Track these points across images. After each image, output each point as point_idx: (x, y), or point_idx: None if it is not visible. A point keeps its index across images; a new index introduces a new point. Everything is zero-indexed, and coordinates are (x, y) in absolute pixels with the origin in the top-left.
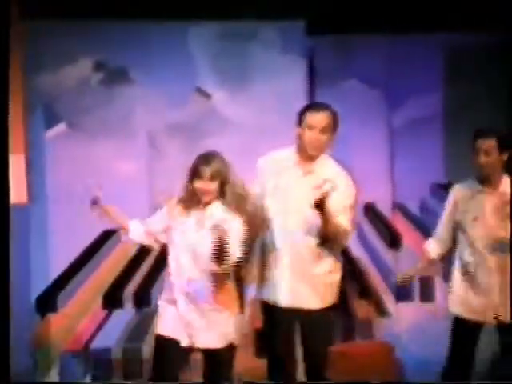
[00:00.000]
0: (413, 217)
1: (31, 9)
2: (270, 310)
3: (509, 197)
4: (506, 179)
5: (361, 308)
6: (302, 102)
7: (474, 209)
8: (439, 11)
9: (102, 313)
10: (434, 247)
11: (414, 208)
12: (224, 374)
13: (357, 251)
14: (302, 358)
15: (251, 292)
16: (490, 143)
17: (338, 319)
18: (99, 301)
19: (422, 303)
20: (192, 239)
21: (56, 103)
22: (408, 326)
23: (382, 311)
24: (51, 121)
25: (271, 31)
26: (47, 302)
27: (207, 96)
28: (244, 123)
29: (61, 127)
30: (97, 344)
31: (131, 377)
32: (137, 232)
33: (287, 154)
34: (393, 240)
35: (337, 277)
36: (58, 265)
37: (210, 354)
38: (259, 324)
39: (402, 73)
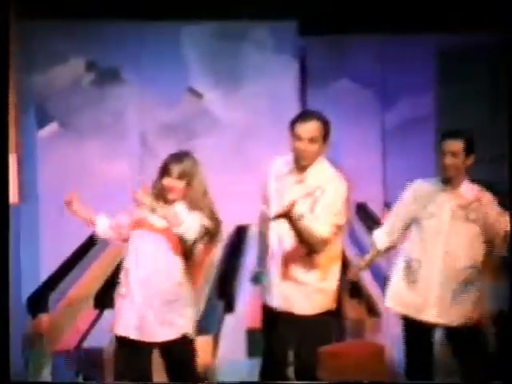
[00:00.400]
0: None
1: (23, 9)
2: (267, 312)
3: (468, 200)
4: (466, 183)
5: (352, 308)
6: (294, 103)
7: (432, 206)
8: (431, 12)
9: (94, 312)
10: (382, 239)
11: None
12: (185, 368)
13: (348, 251)
14: (292, 360)
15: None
16: (457, 145)
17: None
18: (91, 301)
19: None
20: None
21: (48, 103)
22: (399, 326)
23: (373, 311)
24: (43, 120)
25: (263, 31)
26: (39, 302)
27: (199, 96)
28: (236, 123)
29: (52, 127)
30: (88, 344)
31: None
32: (102, 227)
33: (287, 161)
34: None
35: (331, 283)
36: (49, 264)
37: (166, 349)
38: (252, 324)
39: (395, 73)
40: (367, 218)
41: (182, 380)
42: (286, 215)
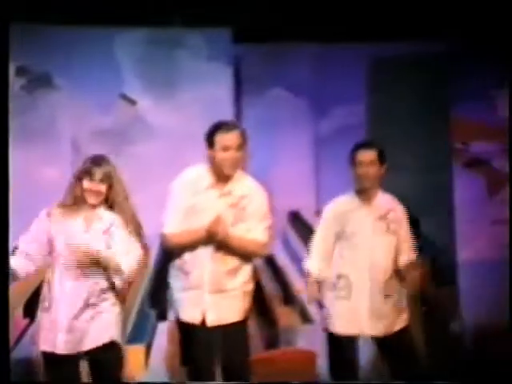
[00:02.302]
0: None
1: None
2: (188, 330)
3: (383, 211)
4: (380, 194)
5: (284, 315)
6: (229, 110)
7: (353, 224)
8: (365, 23)
9: (24, 321)
10: (315, 266)
11: None
12: (113, 377)
13: (281, 259)
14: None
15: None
16: (371, 155)
17: (263, 327)
18: (20, 309)
19: None
20: (81, 240)
21: None
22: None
23: (305, 318)
24: None
25: (197, 38)
26: None
27: (132, 102)
28: (169, 130)
29: None
30: (17, 354)
31: None
32: (21, 266)
33: (201, 174)
34: None
35: (251, 285)
36: None
37: (93, 357)
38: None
39: (327, 82)
40: (300, 225)
41: None
42: (219, 231)
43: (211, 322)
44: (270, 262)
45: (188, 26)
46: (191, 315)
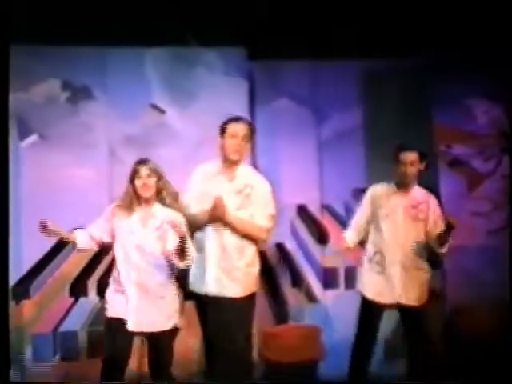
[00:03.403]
0: (338, 216)
1: (5, 35)
2: (199, 302)
3: (418, 201)
4: (417, 187)
5: (293, 295)
6: None
7: (387, 206)
8: (355, 41)
9: (69, 300)
10: (350, 237)
11: (339, 209)
12: (167, 357)
13: (290, 246)
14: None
15: None
16: (414, 156)
17: (273, 305)
18: (67, 289)
19: (346, 290)
20: (138, 237)
21: (29, 117)
22: (334, 311)
23: (311, 298)
24: (24, 133)
25: (215, 56)
26: (21, 289)
27: (161, 111)
28: (190, 136)
29: (33, 138)
30: (65, 327)
31: (95, 356)
32: (82, 241)
33: (213, 165)
34: (321, 236)
35: (256, 269)
36: (31, 258)
37: (154, 338)
38: None
39: (327, 92)
40: (306, 217)
41: (160, 366)
42: (218, 211)
43: (211, 291)
44: (280, 248)
45: (207, 46)
46: (199, 287)
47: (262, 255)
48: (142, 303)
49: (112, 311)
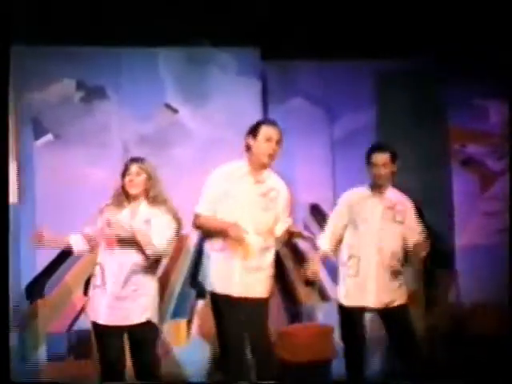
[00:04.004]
0: None
1: (21, 36)
2: (220, 302)
3: (393, 202)
4: (390, 188)
5: (306, 295)
6: (256, 118)
7: (363, 210)
8: (368, 43)
9: (83, 299)
10: (324, 243)
11: None
12: (149, 355)
13: (303, 245)
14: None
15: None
16: (385, 157)
17: (287, 304)
18: (81, 288)
19: None
20: (126, 231)
21: (43, 117)
22: None
23: (324, 297)
24: (39, 132)
25: (228, 56)
26: (35, 289)
27: (175, 111)
28: (203, 135)
29: (48, 137)
30: (78, 326)
31: None
32: (77, 244)
33: (239, 165)
34: None
35: (273, 269)
36: (44, 257)
37: (133, 334)
38: None
39: (339, 92)
40: (319, 215)
41: (143, 360)
42: (230, 235)
43: (238, 294)
44: (294, 248)
45: (220, 46)
46: (222, 287)
47: (276, 255)
48: (117, 296)
49: (92, 313)
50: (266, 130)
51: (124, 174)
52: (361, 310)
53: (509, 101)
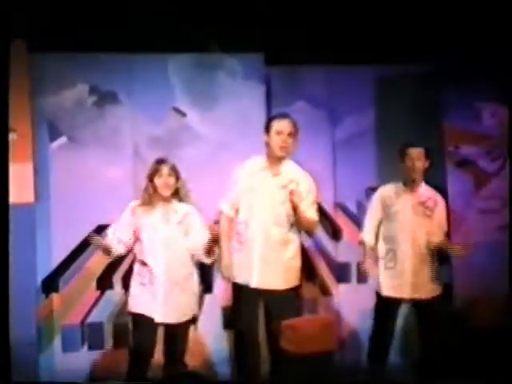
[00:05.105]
0: (351, 214)
1: (36, 42)
2: (239, 290)
3: (423, 198)
4: (423, 185)
5: (308, 289)
6: (260, 120)
7: (396, 205)
8: (368, 48)
9: (96, 293)
10: (369, 237)
11: (352, 207)
12: (182, 346)
13: (305, 242)
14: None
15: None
16: (420, 151)
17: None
18: (94, 283)
19: (358, 284)
20: (161, 232)
21: (58, 120)
22: (346, 304)
23: (325, 291)
24: (54, 135)
25: (235, 62)
26: (51, 283)
27: (183, 114)
28: (211, 137)
29: (62, 140)
30: (91, 319)
31: (120, 347)
32: (116, 248)
33: (258, 161)
34: (334, 233)
35: (298, 262)
36: (59, 253)
37: (172, 328)
38: (226, 302)
39: (340, 96)
40: (321, 214)
41: (178, 349)
42: (292, 203)
43: (255, 284)
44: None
45: (226, 52)
46: (241, 278)
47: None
48: (168, 295)
49: (136, 306)
50: (276, 124)
51: (153, 175)
52: (397, 301)
53: (508, 103)
